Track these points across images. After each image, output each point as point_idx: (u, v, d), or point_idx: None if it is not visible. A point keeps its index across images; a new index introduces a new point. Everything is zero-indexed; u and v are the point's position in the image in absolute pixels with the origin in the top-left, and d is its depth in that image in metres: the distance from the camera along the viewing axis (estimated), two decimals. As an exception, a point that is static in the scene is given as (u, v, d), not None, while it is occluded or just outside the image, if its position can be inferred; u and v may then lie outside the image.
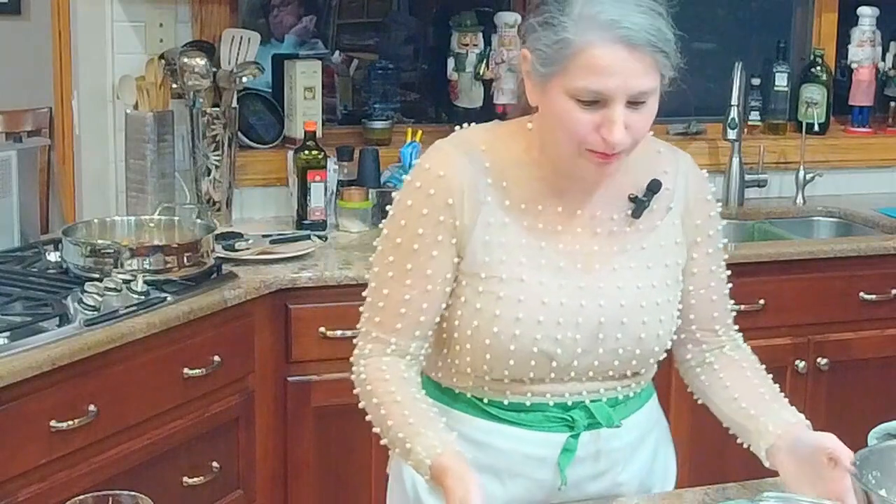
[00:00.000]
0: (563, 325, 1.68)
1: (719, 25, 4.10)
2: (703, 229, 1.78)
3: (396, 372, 1.72)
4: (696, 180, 1.79)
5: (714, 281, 1.81)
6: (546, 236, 1.69)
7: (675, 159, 1.79)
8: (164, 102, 3.19)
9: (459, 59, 3.66)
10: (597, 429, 1.76)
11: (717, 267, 1.81)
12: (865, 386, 3.37)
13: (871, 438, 1.74)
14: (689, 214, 1.77)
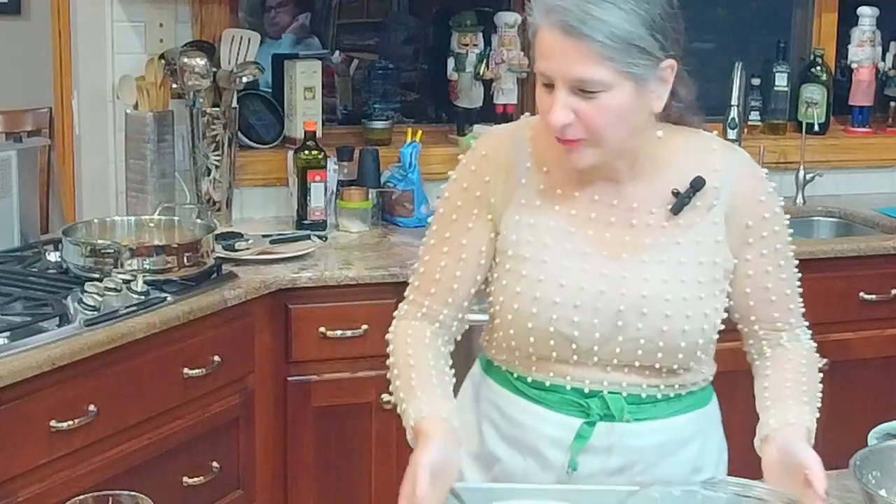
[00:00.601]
0: (580, 308, 1.70)
1: (719, 25, 4.10)
2: (756, 231, 1.76)
3: (420, 336, 1.80)
4: (749, 180, 1.77)
5: (772, 282, 1.78)
6: (577, 222, 1.73)
7: (727, 157, 1.78)
8: (164, 102, 3.19)
9: (459, 59, 3.66)
10: (613, 421, 1.76)
11: (774, 268, 1.77)
12: (865, 386, 3.37)
13: (871, 438, 1.74)
14: (736, 214, 1.75)
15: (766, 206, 1.77)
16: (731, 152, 1.81)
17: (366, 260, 3.02)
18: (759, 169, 1.83)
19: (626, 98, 1.62)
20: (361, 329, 2.89)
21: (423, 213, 3.36)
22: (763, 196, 1.77)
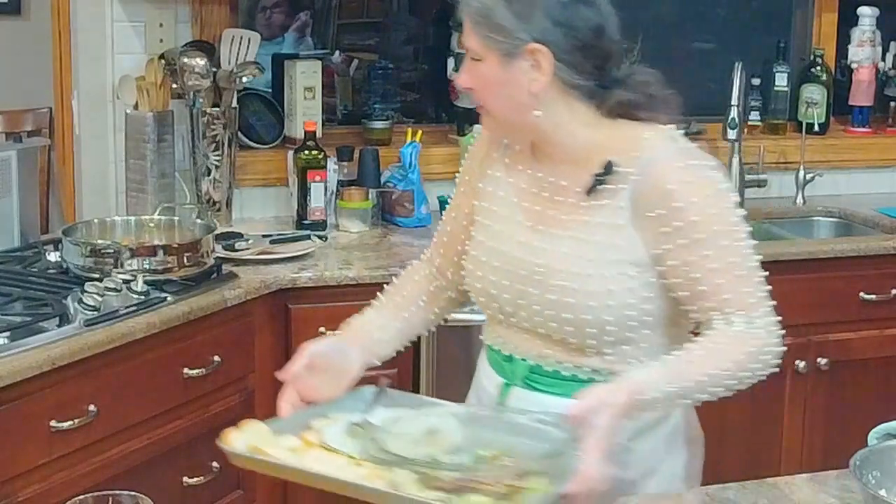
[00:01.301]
0: (497, 269, 1.86)
1: (719, 25, 4.10)
2: (667, 220, 1.74)
3: (412, 273, 2.08)
4: (661, 168, 1.77)
5: (700, 272, 1.75)
6: (522, 195, 1.87)
7: (653, 146, 1.79)
8: (164, 102, 3.19)
9: (459, 59, 3.64)
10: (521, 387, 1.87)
11: (699, 258, 1.74)
12: (865, 386, 3.37)
13: (871, 438, 1.74)
14: (641, 200, 1.76)
15: (679, 196, 1.75)
16: (661, 142, 1.80)
17: (366, 260, 3.02)
18: (690, 160, 1.80)
19: (494, 70, 1.76)
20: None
21: (423, 212, 3.37)
22: (673, 185, 1.75)
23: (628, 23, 4.18)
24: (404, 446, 1.60)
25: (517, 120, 1.81)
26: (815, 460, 3.30)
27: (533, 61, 1.74)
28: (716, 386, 1.72)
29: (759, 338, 1.76)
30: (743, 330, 1.75)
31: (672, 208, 1.74)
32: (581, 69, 1.77)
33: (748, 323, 1.75)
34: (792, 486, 1.79)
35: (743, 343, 1.75)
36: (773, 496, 1.75)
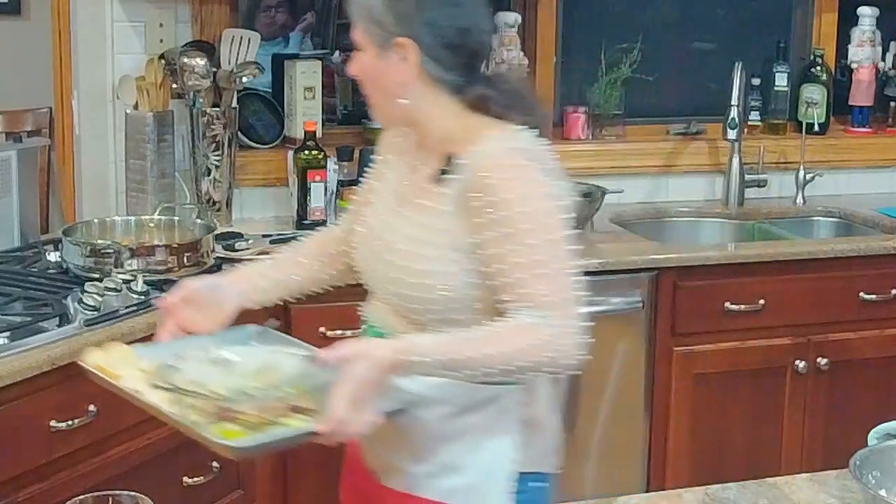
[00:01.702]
0: (364, 244, 2.00)
1: (719, 25, 4.10)
2: (484, 212, 1.81)
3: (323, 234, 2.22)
4: (487, 161, 1.83)
5: (505, 265, 1.80)
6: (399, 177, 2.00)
7: (488, 141, 1.86)
8: (164, 102, 3.19)
9: (459, 59, 3.66)
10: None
11: (504, 251, 1.80)
12: (865, 386, 3.37)
13: (871, 438, 1.75)
14: (467, 191, 1.83)
15: (497, 190, 1.80)
16: (498, 139, 1.86)
17: (366, 260, 3.02)
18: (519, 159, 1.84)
19: (372, 61, 1.89)
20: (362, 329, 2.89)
21: (423, 213, 3.36)
22: (494, 179, 1.81)
23: (628, 23, 4.20)
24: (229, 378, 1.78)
25: (388, 107, 1.94)
26: (815, 460, 3.30)
27: (402, 54, 1.86)
28: (489, 367, 1.75)
29: (550, 334, 1.76)
30: (532, 322, 1.77)
31: (489, 201, 1.80)
32: (447, 65, 1.87)
33: (542, 317, 1.77)
34: (792, 486, 1.79)
35: (528, 334, 1.77)
36: (773, 496, 1.75)
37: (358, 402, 1.67)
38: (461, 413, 1.87)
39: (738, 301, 3.23)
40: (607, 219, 3.53)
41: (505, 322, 1.78)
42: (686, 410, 3.25)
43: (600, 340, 3.15)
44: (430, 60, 1.86)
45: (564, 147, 3.75)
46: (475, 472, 1.88)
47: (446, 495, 1.87)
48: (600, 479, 3.19)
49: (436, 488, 1.88)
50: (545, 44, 3.76)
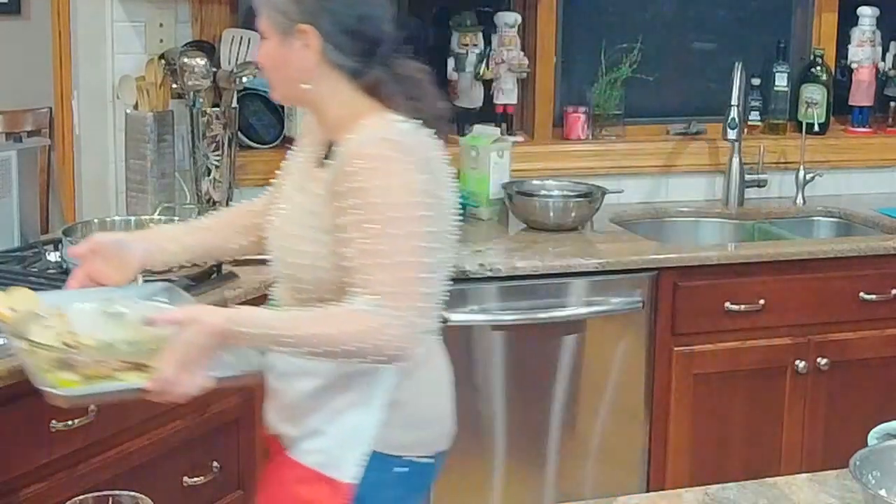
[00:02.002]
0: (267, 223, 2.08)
1: (719, 25, 4.10)
2: (345, 197, 1.87)
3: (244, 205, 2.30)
4: (354, 149, 1.89)
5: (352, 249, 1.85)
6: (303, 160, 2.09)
7: (364, 129, 1.91)
8: (164, 102, 3.19)
9: (459, 59, 3.66)
10: None
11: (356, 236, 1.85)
12: (865, 386, 3.37)
13: (871, 438, 1.74)
14: (336, 176, 1.90)
15: (355, 177, 1.86)
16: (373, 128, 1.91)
17: (366, 260, 3.02)
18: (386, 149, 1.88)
19: (275, 48, 1.96)
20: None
21: (423, 213, 3.36)
22: (356, 167, 1.86)
23: (628, 23, 4.21)
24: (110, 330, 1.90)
25: (291, 93, 2.02)
26: (815, 460, 3.30)
27: (304, 41, 1.92)
28: (314, 347, 1.81)
29: (380, 323, 1.80)
30: (365, 309, 1.82)
31: (349, 188, 1.86)
32: (347, 51, 1.93)
33: (376, 306, 1.81)
34: (792, 486, 1.79)
35: (358, 320, 1.81)
36: (773, 496, 1.75)
37: (187, 365, 1.77)
38: (331, 385, 1.95)
39: (738, 301, 3.23)
40: (607, 219, 3.53)
41: (340, 306, 1.84)
42: (686, 410, 3.25)
43: (600, 340, 3.18)
44: (331, 46, 1.92)
45: (564, 147, 3.75)
46: (332, 440, 1.96)
47: (305, 456, 1.97)
48: (600, 479, 3.19)
49: (300, 450, 1.98)
50: (545, 44, 3.76)
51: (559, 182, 3.58)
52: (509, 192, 3.43)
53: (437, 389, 2.06)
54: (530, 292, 3.06)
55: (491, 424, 3.08)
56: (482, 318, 3.03)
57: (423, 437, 2.02)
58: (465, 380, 3.05)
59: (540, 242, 3.24)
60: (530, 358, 3.09)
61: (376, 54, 1.95)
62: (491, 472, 3.11)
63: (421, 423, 2.02)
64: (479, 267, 3.01)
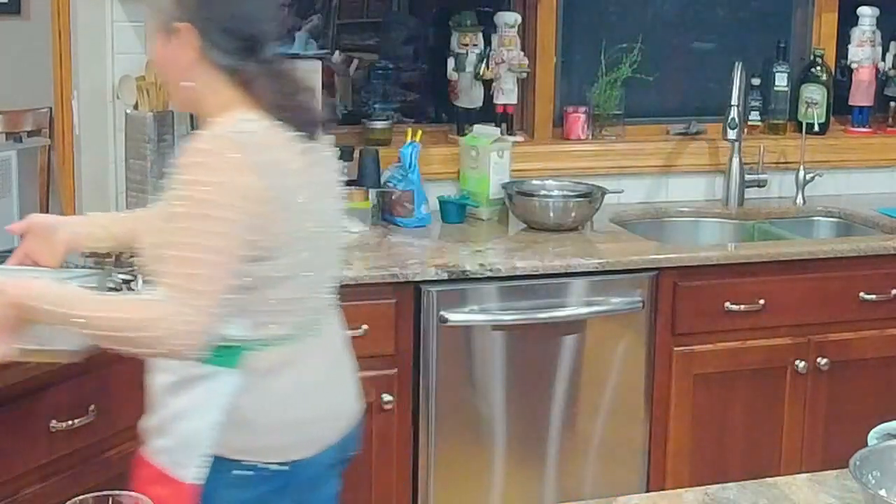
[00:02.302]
0: None
1: (719, 25, 4.10)
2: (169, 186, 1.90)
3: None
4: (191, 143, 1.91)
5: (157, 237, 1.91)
6: None
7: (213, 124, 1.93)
8: (164, 102, 3.18)
9: (459, 59, 3.66)
10: None
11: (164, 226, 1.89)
12: (865, 386, 3.37)
13: (871, 438, 1.74)
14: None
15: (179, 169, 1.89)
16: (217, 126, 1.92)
17: (366, 260, 3.02)
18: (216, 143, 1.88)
19: (160, 47, 1.99)
20: (361, 329, 2.89)
21: (423, 212, 3.37)
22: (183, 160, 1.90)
23: (628, 23, 4.20)
24: None
25: (175, 90, 2.04)
26: (815, 460, 3.30)
27: (183, 39, 1.95)
28: (100, 329, 1.85)
29: (162, 314, 1.82)
30: (151, 299, 1.85)
31: (175, 178, 1.89)
32: (224, 48, 1.94)
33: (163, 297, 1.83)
34: (792, 486, 1.79)
35: (143, 308, 1.85)
36: (773, 496, 1.75)
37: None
38: (179, 384, 1.96)
39: (738, 301, 3.23)
40: (607, 219, 3.53)
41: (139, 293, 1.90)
42: (686, 410, 3.25)
43: (600, 340, 3.18)
44: (209, 44, 1.94)
45: (564, 147, 3.75)
46: (174, 440, 1.96)
47: (154, 455, 1.99)
48: (600, 479, 3.19)
49: (150, 448, 2.00)
50: (545, 44, 3.75)
51: (559, 182, 3.58)
52: (509, 192, 3.43)
53: (287, 399, 2.00)
54: (530, 292, 3.06)
55: (491, 424, 3.08)
56: (482, 318, 3.03)
57: (267, 444, 1.98)
58: (465, 380, 3.05)
59: (540, 242, 3.24)
60: (530, 358, 3.09)
61: (255, 53, 1.96)
62: (491, 472, 3.11)
63: (265, 430, 1.98)
64: (479, 267, 3.01)
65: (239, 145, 1.87)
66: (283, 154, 1.92)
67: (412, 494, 3.06)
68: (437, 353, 2.98)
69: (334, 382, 2.11)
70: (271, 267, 1.91)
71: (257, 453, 1.97)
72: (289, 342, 1.97)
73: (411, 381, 2.99)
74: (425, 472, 3.04)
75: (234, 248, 1.85)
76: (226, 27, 1.94)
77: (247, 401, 1.96)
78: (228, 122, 1.91)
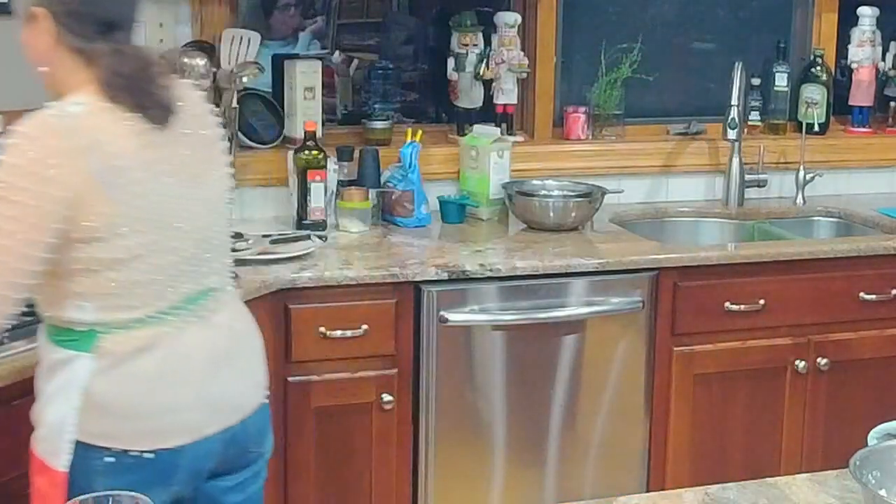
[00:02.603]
0: None
1: (719, 25, 4.10)
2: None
3: None
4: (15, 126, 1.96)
5: None
6: None
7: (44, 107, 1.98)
8: (164, 102, 3.18)
9: (459, 59, 3.66)
10: None
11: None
12: (865, 386, 3.37)
13: (871, 438, 1.74)
14: None
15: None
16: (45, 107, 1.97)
17: (366, 260, 3.02)
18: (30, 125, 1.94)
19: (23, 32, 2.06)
20: (361, 329, 2.89)
21: (422, 213, 3.37)
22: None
23: (628, 23, 4.20)
24: None
25: (40, 74, 2.07)
26: (815, 460, 3.30)
27: (41, 24, 2.00)
28: None
29: None
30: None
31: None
32: (76, 32, 1.97)
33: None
34: (792, 486, 1.79)
35: None
36: (773, 496, 1.75)
37: None
38: (46, 370, 1.98)
39: (738, 301, 3.23)
40: (607, 219, 3.53)
41: None
42: (686, 410, 3.25)
43: (600, 340, 3.18)
44: (62, 28, 1.98)
45: (564, 147, 3.75)
46: (46, 429, 1.97)
47: (35, 445, 2.00)
48: (600, 479, 3.19)
49: (33, 438, 2.01)
50: (545, 44, 3.76)
51: (559, 182, 3.58)
52: (509, 192, 3.43)
53: (148, 385, 1.98)
54: (530, 292, 3.06)
55: (491, 424, 3.08)
56: (482, 318, 3.03)
57: (129, 430, 1.97)
58: (465, 380, 3.05)
59: (540, 242, 3.24)
60: (530, 358, 3.09)
61: (107, 36, 1.98)
62: (491, 472, 3.11)
63: (124, 416, 1.97)
64: (479, 267, 3.01)
65: (55, 129, 1.90)
66: (109, 136, 1.92)
67: (412, 494, 3.06)
68: (437, 353, 2.98)
69: (215, 370, 2.05)
70: (103, 249, 1.91)
71: (121, 440, 1.96)
72: (148, 325, 1.96)
73: (411, 381, 2.99)
74: (425, 472, 3.04)
75: (29, 233, 1.86)
76: (79, 11, 1.98)
77: (103, 385, 1.95)
78: (55, 105, 1.94)
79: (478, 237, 3.32)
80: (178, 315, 1.99)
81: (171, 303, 1.98)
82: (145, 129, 1.95)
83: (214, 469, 2.09)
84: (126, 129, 1.94)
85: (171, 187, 1.98)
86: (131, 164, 1.93)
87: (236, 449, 2.10)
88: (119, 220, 1.91)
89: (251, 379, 2.15)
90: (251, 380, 2.15)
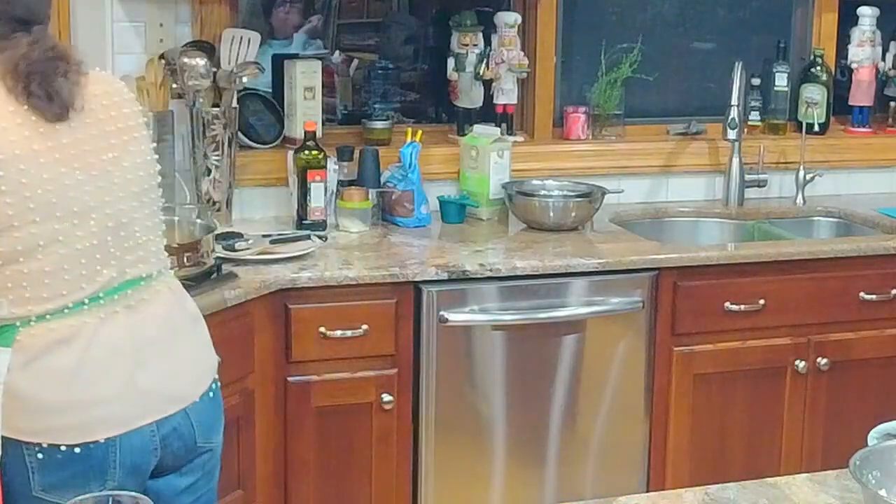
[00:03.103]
0: None
1: (719, 25, 4.10)
2: None
3: None
4: None
5: None
6: None
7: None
8: (164, 102, 3.19)
9: (459, 59, 3.66)
10: None
11: None
12: (865, 386, 3.37)
13: (871, 438, 1.74)
14: None
15: None
16: None
17: (366, 260, 3.02)
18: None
19: None
20: (361, 329, 2.89)
21: (423, 213, 3.37)
22: None
23: (628, 23, 4.20)
24: None
25: None
26: (815, 460, 3.30)
27: None
28: None
29: None
30: None
31: None
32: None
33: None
34: (792, 486, 1.79)
35: None
36: (773, 496, 1.75)
37: None
38: None
39: (738, 301, 3.23)
40: (607, 219, 3.53)
41: None
42: (686, 410, 3.25)
43: (600, 340, 3.18)
44: None
45: (564, 147, 3.75)
46: None
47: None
48: (600, 479, 3.19)
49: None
50: (545, 44, 3.76)
51: (559, 182, 3.58)
52: (509, 192, 3.43)
53: (67, 377, 1.93)
54: (530, 292, 3.06)
55: (491, 424, 3.08)
56: (482, 318, 3.03)
57: (52, 424, 1.93)
58: (465, 380, 3.05)
59: (540, 242, 3.24)
60: (530, 358, 3.09)
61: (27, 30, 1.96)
62: (491, 472, 3.11)
63: (46, 410, 1.93)
64: (479, 267, 3.01)
65: None
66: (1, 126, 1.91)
67: (412, 494, 3.06)
68: (437, 353, 2.99)
69: (143, 360, 2.00)
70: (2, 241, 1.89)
71: (47, 435, 1.92)
72: (66, 317, 1.93)
73: (411, 381, 2.99)
74: (425, 472, 3.04)
75: None
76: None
77: (23, 381, 1.91)
78: None
79: (478, 237, 3.32)
80: (99, 305, 1.96)
81: (90, 293, 1.95)
82: (33, 122, 1.92)
83: (161, 464, 2.04)
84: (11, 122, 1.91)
85: (68, 176, 1.94)
86: (16, 156, 1.89)
87: (181, 442, 2.05)
88: (9, 210, 1.88)
89: (192, 368, 2.09)
90: (192, 369, 2.09)
